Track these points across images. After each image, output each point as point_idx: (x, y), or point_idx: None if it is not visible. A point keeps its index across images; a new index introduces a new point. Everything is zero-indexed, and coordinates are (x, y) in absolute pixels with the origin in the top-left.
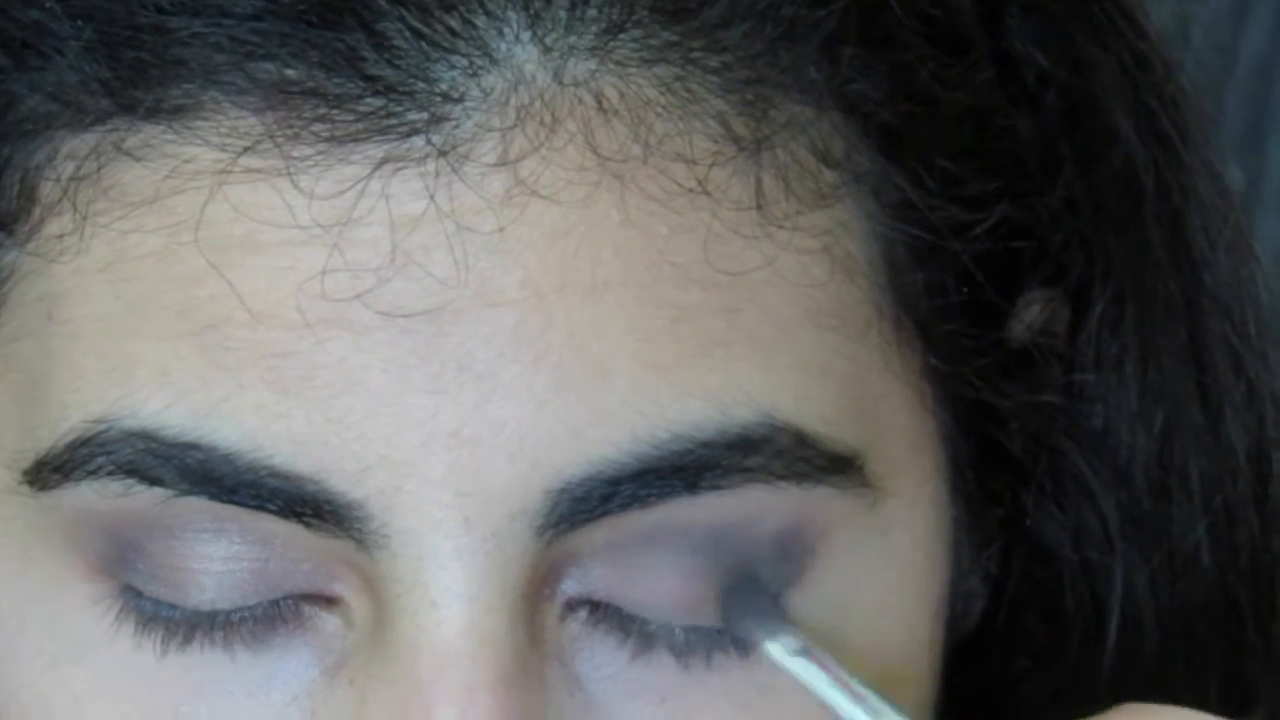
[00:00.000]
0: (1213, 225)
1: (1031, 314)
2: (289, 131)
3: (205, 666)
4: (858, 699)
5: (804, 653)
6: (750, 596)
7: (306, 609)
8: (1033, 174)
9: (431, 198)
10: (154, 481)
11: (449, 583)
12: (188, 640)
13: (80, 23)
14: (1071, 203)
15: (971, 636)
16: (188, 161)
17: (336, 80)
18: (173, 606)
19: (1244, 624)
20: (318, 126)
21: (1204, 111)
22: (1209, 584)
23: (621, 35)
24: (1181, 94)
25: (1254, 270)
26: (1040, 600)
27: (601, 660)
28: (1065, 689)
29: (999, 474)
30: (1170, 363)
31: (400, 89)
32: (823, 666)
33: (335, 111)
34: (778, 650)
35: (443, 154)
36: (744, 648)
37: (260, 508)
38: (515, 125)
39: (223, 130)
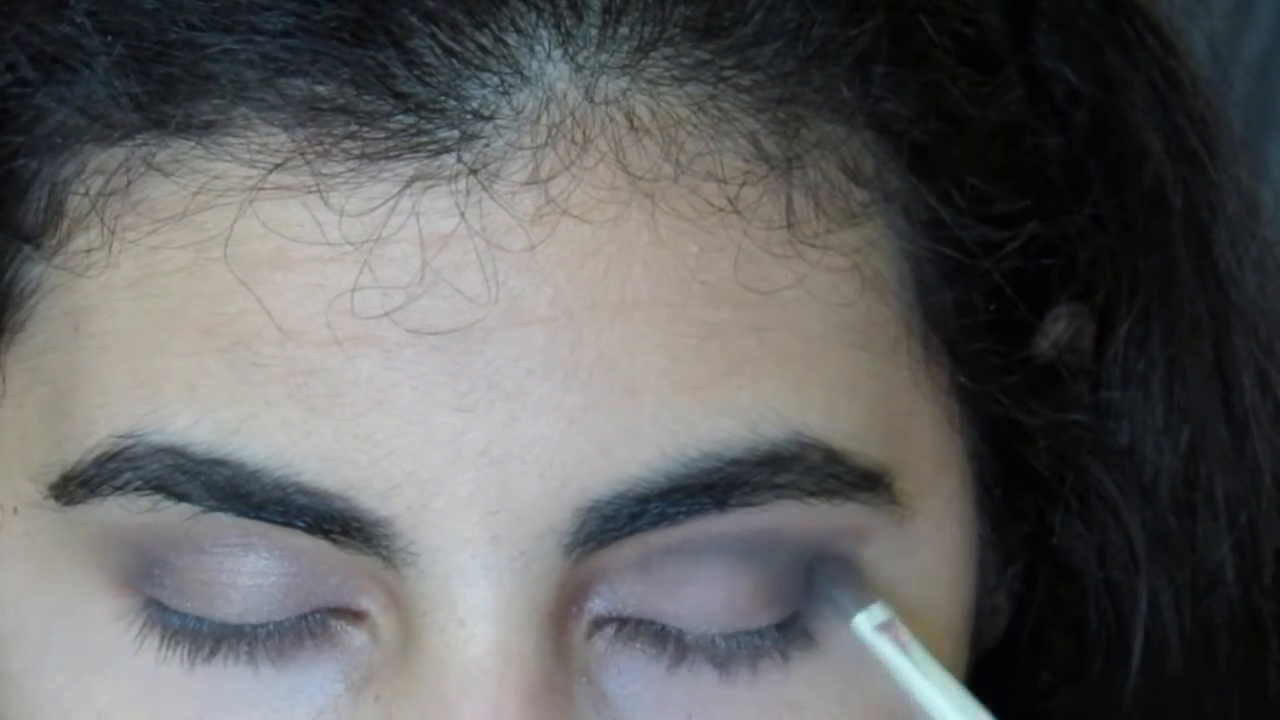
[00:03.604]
0: (1240, 242)
1: (1058, 330)
2: (319, 148)
3: (229, 680)
4: (936, 684)
5: (888, 628)
6: (836, 568)
7: (333, 624)
8: (1062, 191)
9: (462, 216)
10: (181, 497)
11: (476, 601)
12: (213, 654)
13: (110, 38)
14: (1100, 220)
15: (996, 652)
16: (217, 178)
17: (367, 97)
18: (199, 620)
19: (1267, 641)
20: (348, 144)
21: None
22: (1233, 601)
23: (653, 54)
24: (1210, 110)
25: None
26: (1065, 617)
27: (629, 677)
28: (1089, 705)
29: (1025, 491)
30: (1196, 380)
31: (431, 106)
32: (903, 645)
33: (366, 129)
34: (862, 622)
35: (473, 172)
36: (786, 653)
37: (288, 524)
38: (546, 144)
39: (253, 147)
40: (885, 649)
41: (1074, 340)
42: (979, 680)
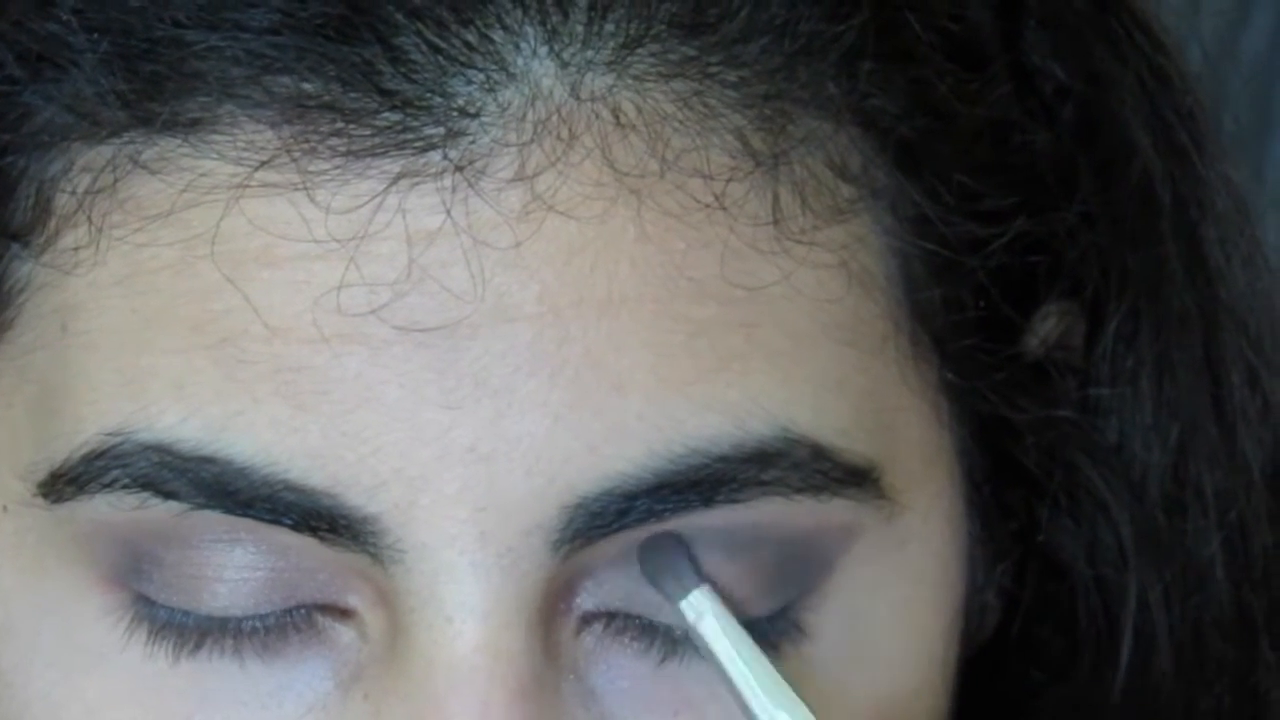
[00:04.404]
0: (1229, 239)
1: (1047, 327)
2: (305, 146)
3: (216, 675)
4: (754, 672)
5: (709, 615)
6: (668, 554)
7: (320, 620)
8: (1050, 188)
9: (448, 213)
10: (169, 495)
11: (464, 598)
12: (198, 647)
13: (97, 35)
14: (1088, 216)
15: (985, 649)
16: (204, 175)
17: (353, 95)
18: (185, 614)
19: (1257, 638)
20: (334, 141)
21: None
22: (1223, 598)
23: (639, 50)
24: (1199, 107)
25: (1269, 284)
26: (1054, 614)
27: (618, 673)
28: (1079, 702)
29: (1014, 488)
30: (1185, 377)
31: (417, 103)
32: (725, 632)
33: (352, 126)
34: (686, 608)
35: (459, 169)
36: (776, 644)
37: (275, 521)
38: (532, 140)
39: (239, 144)
40: (707, 635)
41: (1063, 337)
42: (969, 678)
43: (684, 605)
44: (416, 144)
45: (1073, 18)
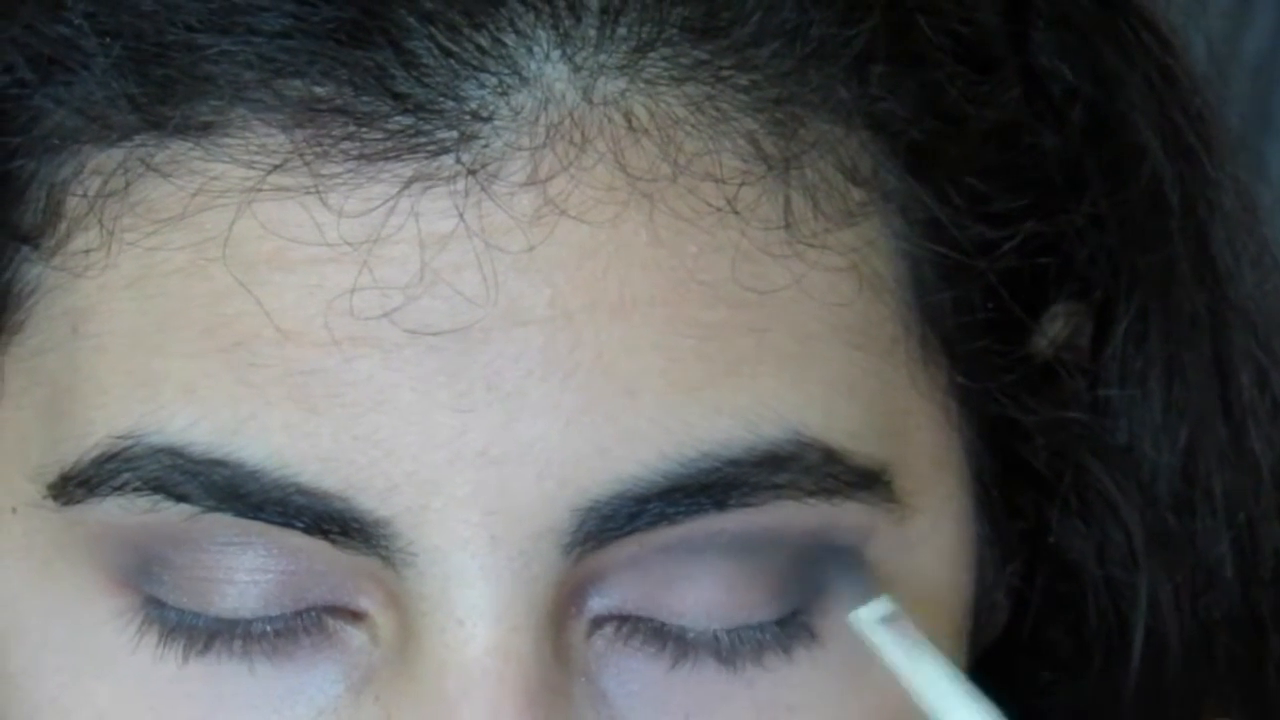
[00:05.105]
0: (1238, 239)
1: (1056, 328)
2: (318, 149)
3: (227, 679)
4: (936, 678)
5: (889, 620)
6: (841, 561)
7: (331, 622)
8: (1059, 190)
9: (461, 216)
10: (180, 498)
11: (475, 601)
12: (207, 648)
13: (108, 39)
14: (1097, 218)
15: (995, 650)
16: (215, 178)
17: (365, 98)
18: (196, 615)
19: (1267, 637)
20: (347, 144)
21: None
22: (1233, 598)
23: (651, 54)
24: (1208, 108)
25: (1278, 284)
26: (1064, 614)
27: (629, 676)
28: (1089, 703)
29: (1023, 489)
30: (1194, 377)
31: (429, 107)
32: (905, 637)
33: (364, 129)
34: (864, 615)
35: (472, 173)
36: (789, 649)
37: (287, 524)
38: (545, 144)
39: (251, 148)
40: (886, 643)
41: (1072, 338)
42: (979, 678)
43: (864, 611)
44: (429, 148)
45: (1081, 19)
